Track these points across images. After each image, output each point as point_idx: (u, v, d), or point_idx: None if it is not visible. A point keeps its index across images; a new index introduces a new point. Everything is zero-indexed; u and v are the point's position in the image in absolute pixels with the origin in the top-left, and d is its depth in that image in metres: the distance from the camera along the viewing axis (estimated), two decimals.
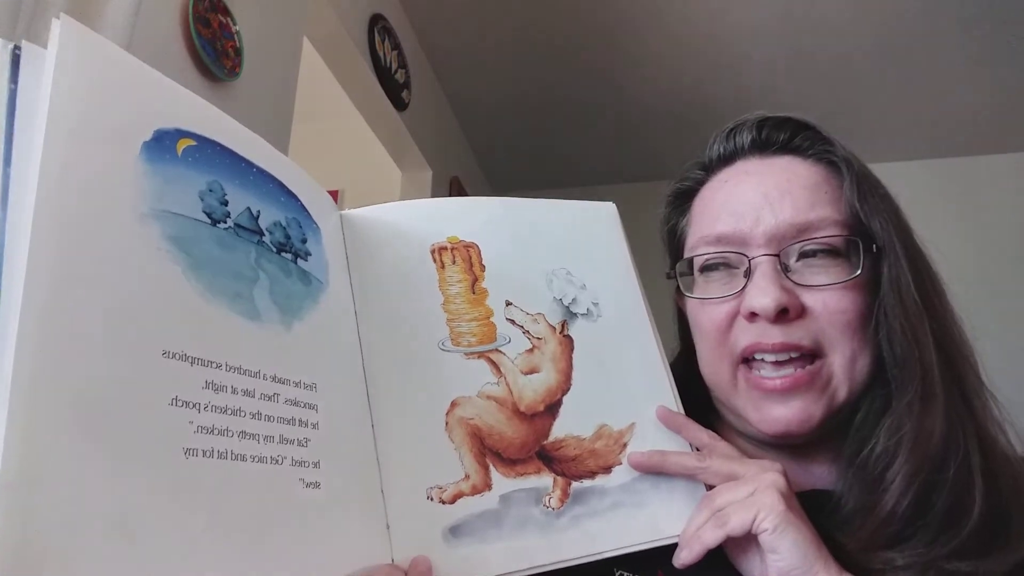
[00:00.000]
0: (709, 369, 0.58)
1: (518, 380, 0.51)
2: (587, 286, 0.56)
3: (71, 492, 0.28)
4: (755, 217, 0.55)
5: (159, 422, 0.32)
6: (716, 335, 0.56)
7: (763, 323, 0.53)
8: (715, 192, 0.60)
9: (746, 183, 0.57)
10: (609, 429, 0.52)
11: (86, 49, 0.33)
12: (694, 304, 0.59)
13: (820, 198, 0.55)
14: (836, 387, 0.53)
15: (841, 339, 0.53)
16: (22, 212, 0.30)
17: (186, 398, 0.33)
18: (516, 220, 0.57)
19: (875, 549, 0.48)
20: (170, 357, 0.33)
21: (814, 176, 0.56)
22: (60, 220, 0.30)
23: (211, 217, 0.38)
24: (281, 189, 0.44)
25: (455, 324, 0.51)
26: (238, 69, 1.44)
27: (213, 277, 0.36)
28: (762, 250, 0.54)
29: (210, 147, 0.39)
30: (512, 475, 0.48)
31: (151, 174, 0.35)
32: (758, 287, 0.53)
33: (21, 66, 0.33)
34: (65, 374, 0.29)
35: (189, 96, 0.39)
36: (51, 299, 0.29)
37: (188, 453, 0.32)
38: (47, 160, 0.30)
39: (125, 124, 0.34)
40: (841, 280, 0.53)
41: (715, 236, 0.57)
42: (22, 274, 0.28)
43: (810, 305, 0.53)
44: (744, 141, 0.60)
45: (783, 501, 0.45)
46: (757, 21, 2.48)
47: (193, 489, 0.32)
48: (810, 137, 0.58)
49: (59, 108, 0.31)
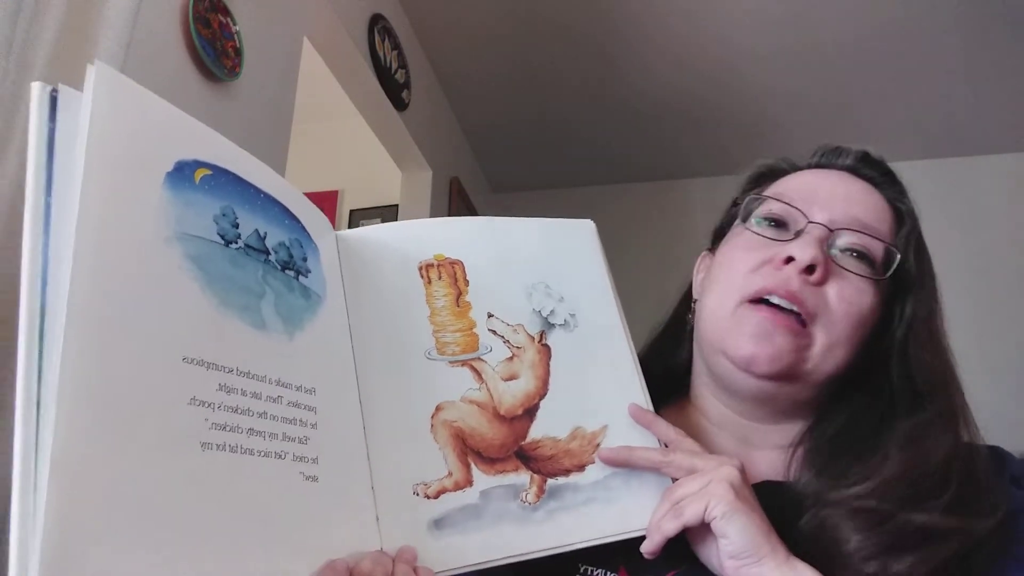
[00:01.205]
0: (715, 303, 0.63)
1: (498, 386, 0.56)
2: (564, 298, 0.61)
3: (108, 478, 0.32)
4: (828, 201, 0.62)
5: (180, 419, 0.36)
6: (737, 276, 0.62)
7: (789, 271, 0.58)
8: (802, 176, 0.67)
9: (834, 178, 0.65)
10: (583, 431, 0.57)
11: (117, 91, 0.38)
12: (732, 245, 0.65)
13: (886, 218, 0.63)
14: (810, 356, 0.58)
15: (835, 323, 0.58)
16: (62, 236, 0.35)
17: (203, 398, 0.38)
18: (498, 238, 0.62)
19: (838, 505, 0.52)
20: (189, 362, 0.38)
21: (887, 208, 0.64)
22: (98, 243, 0.35)
23: (224, 238, 0.42)
24: (285, 213, 0.49)
25: (440, 335, 0.56)
26: (238, 69, 1.45)
27: (226, 292, 0.41)
28: (820, 219, 0.61)
29: (223, 176, 0.44)
30: (492, 472, 0.53)
31: (173, 201, 0.40)
32: (804, 241, 0.59)
33: (59, 107, 0.37)
34: (102, 378, 0.33)
35: (205, 130, 0.43)
36: (90, 312, 0.34)
37: (205, 447, 0.37)
38: (87, 191, 0.35)
39: (151, 157, 0.39)
40: (865, 275, 0.60)
41: (788, 195, 0.64)
42: (66, 290, 0.33)
43: (829, 284, 0.59)
44: (845, 160, 0.67)
45: (733, 491, 0.50)
46: (758, 21, 2.49)
47: (209, 478, 0.37)
48: (893, 184, 0.67)
49: (96, 145, 0.36)
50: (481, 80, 2.91)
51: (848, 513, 0.52)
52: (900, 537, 0.50)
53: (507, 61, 2.78)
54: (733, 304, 0.61)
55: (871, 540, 0.50)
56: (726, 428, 0.65)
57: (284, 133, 1.70)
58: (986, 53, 2.59)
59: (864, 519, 0.51)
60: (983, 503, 0.52)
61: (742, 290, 0.60)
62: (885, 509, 0.51)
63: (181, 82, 1.33)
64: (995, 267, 3.06)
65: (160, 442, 0.35)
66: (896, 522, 0.50)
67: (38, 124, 0.37)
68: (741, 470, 0.52)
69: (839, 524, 0.51)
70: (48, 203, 0.36)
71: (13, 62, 0.80)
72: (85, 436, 0.32)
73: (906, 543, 0.50)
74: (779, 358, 0.58)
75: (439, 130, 2.96)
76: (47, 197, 0.36)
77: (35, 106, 0.37)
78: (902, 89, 2.80)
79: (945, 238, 3.08)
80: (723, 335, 0.61)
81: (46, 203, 0.36)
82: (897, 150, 3.31)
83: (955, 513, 0.51)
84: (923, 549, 0.49)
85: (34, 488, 0.31)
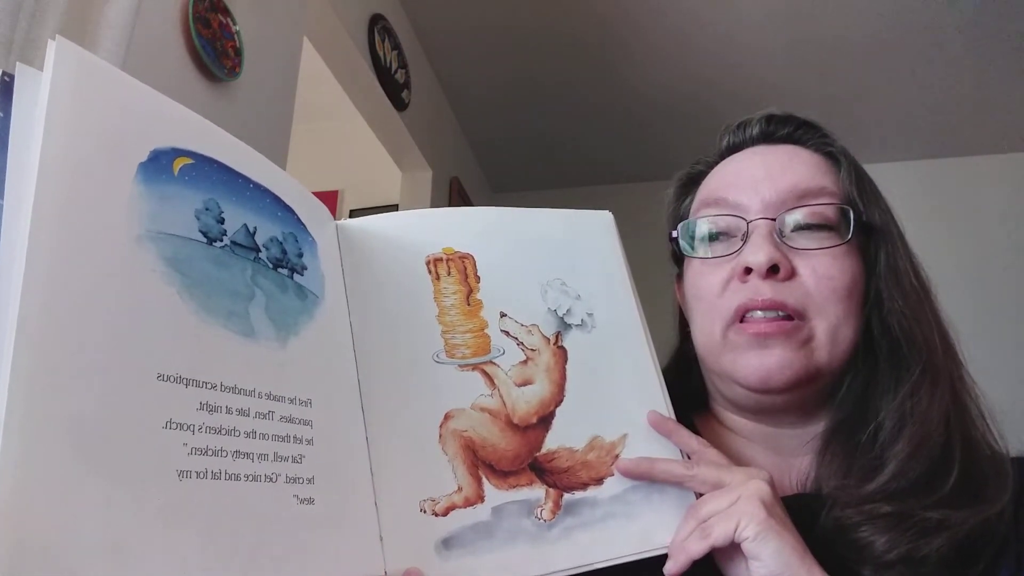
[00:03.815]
0: (702, 334, 0.60)
1: (512, 392, 0.51)
2: (582, 296, 0.56)
3: (66, 517, 0.28)
4: (755, 188, 0.58)
5: (153, 446, 0.32)
6: (710, 299, 0.59)
7: (755, 281, 0.55)
8: (722, 168, 0.64)
9: (750, 159, 0.62)
10: (601, 440, 0.52)
11: (82, 70, 0.34)
12: (693, 272, 0.62)
13: (819, 173, 0.59)
14: (816, 347, 0.55)
15: (826, 305, 0.55)
16: (15, 237, 0.30)
17: (180, 420, 0.33)
18: (511, 230, 0.57)
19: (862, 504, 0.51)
20: (164, 380, 0.33)
21: (815, 159, 0.60)
22: (55, 246, 0.30)
23: (207, 236, 0.38)
24: (278, 203, 0.44)
25: (450, 336, 0.51)
26: (238, 69, 1.44)
27: (208, 297, 0.37)
28: (759, 215, 0.57)
29: (207, 165, 0.39)
30: (505, 487, 0.49)
31: (147, 195, 0.35)
32: (754, 244, 0.56)
33: (16, 89, 0.33)
34: (60, 399, 0.29)
35: (186, 113, 0.39)
36: (46, 325, 0.29)
37: (182, 475, 0.33)
38: (42, 185, 0.30)
39: (121, 145, 0.35)
40: (831, 245, 0.56)
41: (715, 199, 0.61)
42: (17, 299, 0.29)
43: (800, 269, 0.56)
44: (753, 132, 0.64)
45: (764, 509, 0.46)
46: (758, 21, 2.48)
47: (186, 511, 0.33)
48: (811, 132, 0.63)
49: (54, 132, 0.31)
50: (481, 80, 2.92)
51: (866, 516, 0.50)
52: (922, 531, 0.49)
53: (507, 62, 2.78)
54: (720, 331, 0.57)
55: (895, 539, 0.49)
56: (756, 440, 0.61)
57: (284, 133, 1.69)
58: (986, 53, 2.60)
59: (884, 523, 0.49)
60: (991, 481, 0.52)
61: (721, 315, 0.57)
62: (902, 511, 0.49)
63: (181, 82, 1.32)
64: (994, 267, 3.09)
65: (129, 473, 0.31)
66: (915, 519, 0.49)
67: None
68: (771, 484, 0.49)
69: (859, 525, 0.50)
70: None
71: (13, 62, 0.79)
72: (38, 469, 0.28)
73: (928, 531, 0.49)
74: (789, 365, 0.54)
75: (439, 130, 2.95)
76: None
77: None
78: (902, 89, 2.83)
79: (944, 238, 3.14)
80: (724, 364, 0.57)
81: None
82: (897, 150, 3.26)
83: (966, 495, 0.51)
84: (945, 532, 0.49)
85: None
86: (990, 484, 0.52)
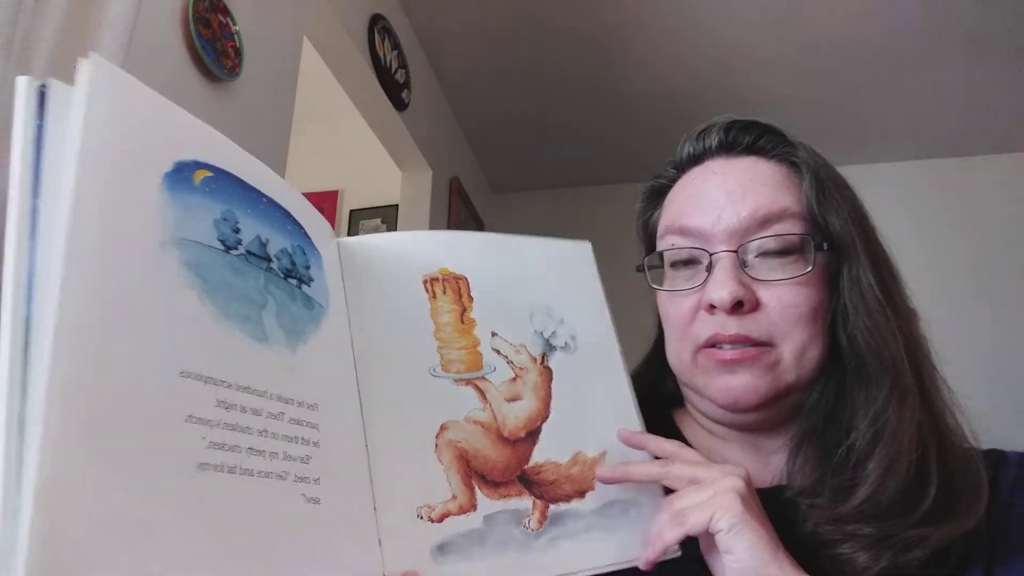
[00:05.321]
0: (674, 355, 0.63)
1: (502, 407, 0.54)
2: (565, 320, 0.59)
3: (94, 505, 0.29)
4: (717, 215, 0.59)
5: (175, 438, 0.33)
6: (680, 326, 0.61)
7: (721, 315, 0.57)
8: (684, 188, 0.64)
9: (711, 181, 0.61)
10: (584, 456, 0.55)
11: (114, 86, 0.36)
12: (663, 296, 0.64)
13: (781, 193, 0.59)
14: (783, 369, 0.57)
15: (791, 331, 0.57)
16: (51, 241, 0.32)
17: (200, 415, 0.35)
18: (502, 255, 0.60)
19: (841, 523, 0.52)
20: (186, 376, 0.35)
21: (776, 175, 0.60)
22: (92, 248, 0.32)
23: (225, 244, 0.40)
24: (287, 217, 0.46)
25: (445, 351, 0.54)
26: (238, 69, 1.44)
27: (226, 301, 0.39)
28: (722, 246, 0.58)
29: (225, 178, 0.41)
30: (496, 497, 0.51)
31: (171, 203, 0.37)
32: (717, 281, 0.57)
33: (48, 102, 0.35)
34: (95, 394, 0.30)
35: (206, 129, 0.41)
36: (83, 323, 0.31)
37: (202, 467, 0.34)
38: (80, 192, 0.32)
39: (148, 156, 0.37)
40: (793, 276, 0.57)
41: (678, 227, 0.61)
42: (55, 298, 0.30)
43: (765, 300, 0.57)
44: (712, 142, 0.64)
45: (740, 502, 0.47)
46: (757, 21, 2.50)
47: (206, 501, 0.34)
48: (774, 140, 0.62)
49: (91, 143, 0.33)
50: (481, 80, 2.91)
51: (846, 535, 0.51)
52: (904, 548, 0.50)
53: (507, 61, 2.78)
54: (689, 356, 0.60)
55: (878, 554, 0.50)
56: (734, 441, 0.63)
57: (284, 133, 1.69)
58: (986, 53, 2.60)
59: (865, 541, 0.51)
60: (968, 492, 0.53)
61: (691, 341, 0.60)
62: (885, 532, 0.51)
63: (181, 82, 1.32)
64: (994, 267, 3.04)
65: (155, 463, 0.32)
66: (897, 538, 0.50)
67: (24, 121, 0.34)
68: (747, 480, 0.50)
69: (840, 542, 0.51)
70: (36, 206, 0.33)
71: (13, 62, 0.79)
72: (74, 457, 0.29)
73: (910, 547, 0.50)
74: (756, 389, 0.57)
75: (439, 130, 2.96)
76: (34, 200, 0.33)
77: (21, 102, 0.34)
78: (901, 89, 2.81)
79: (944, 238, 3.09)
80: (697, 384, 0.60)
81: (32, 206, 0.33)
82: (896, 150, 3.20)
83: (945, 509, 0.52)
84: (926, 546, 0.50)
85: (14, 515, 0.28)
86: (966, 495, 0.53)
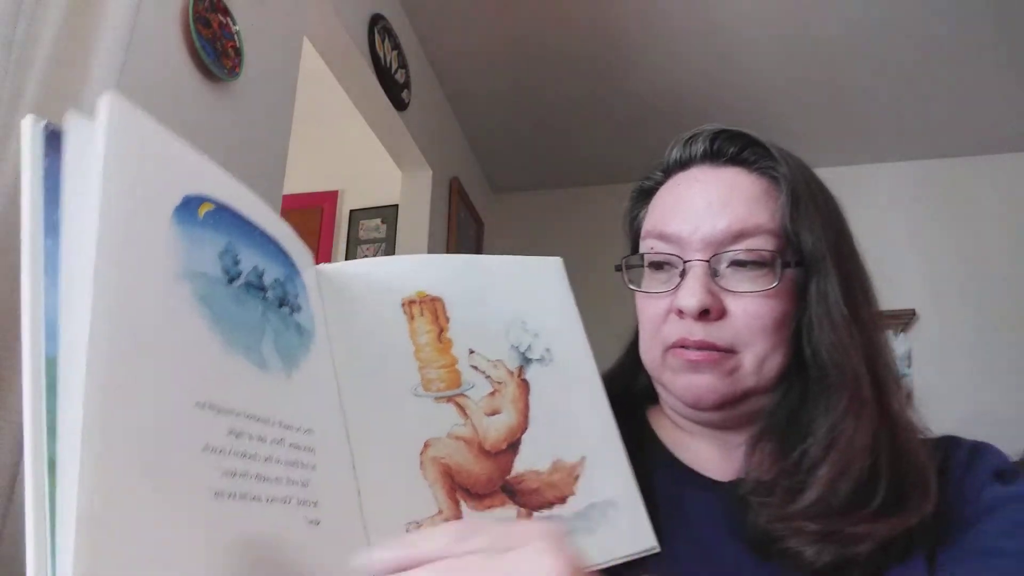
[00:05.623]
0: (646, 352, 0.68)
1: (483, 421, 0.56)
2: (539, 334, 0.62)
3: (135, 539, 0.30)
4: (695, 224, 0.62)
5: (195, 468, 0.35)
6: (652, 326, 0.65)
7: (689, 320, 0.61)
8: (668, 193, 0.68)
9: (694, 189, 0.65)
10: (563, 463, 0.58)
11: (132, 123, 0.37)
12: (639, 295, 0.68)
13: (757, 208, 0.62)
14: (743, 375, 0.61)
15: (753, 340, 0.61)
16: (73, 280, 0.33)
17: (215, 444, 0.36)
18: (476, 275, 0.63)
19: (789, 521, 0.56)
20: (202, 407, 0.36)
21: (756, 188, 0.63)
22: (116, 285, 0.33)
23: (228, 275, 0.41)
24: (278, 249, 0.47)
25: (426, 371, 0.56)
26: (238, 69, 1.44)
27: (231, 331, 0.40)
28: (697, 255, 0.62)
29: (223, 211, 0.42)
30: (481, 508, 0.53)
31: (181, 237, 0.38)
32: (688, 288, 0.61)
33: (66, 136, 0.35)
34: (126, 429, 0.31)
35: (209, 164, 0.42)
36: (112, 361, 0.32)
37: (217, 496, 0.35)
38: (104, 230, 0.33)
39: (161, 191, 0.38)
40: (760, 289, 0.61)
41: (659, 232, 0.65)
42: (84, 338, 0.31)
43: (731, 308, 0.61)
44: (698, 150, 0.67)
45: None
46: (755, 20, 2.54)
47: (221, 528, 0.35)
48: (758, 152, 0.65)
49: (112, 180, 0.34)
50: (481, 80, 2.91)
51: (792, 531, 0.55)
52: (849, 542, 0.54)
53: (507, 62, 2.79)
54: (659, 354, 0.65)
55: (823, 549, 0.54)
56: (700, 436, 0.68)
57: (284, 133, 1.68)
58: (985, 52, 2.66)
59: (811, 537, 0.55)
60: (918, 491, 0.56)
61: (662, 340, 0.64)
62: (829, 529, 0.55)
63: (181, 82, 1.31)
64: (992, 267, 3.08)
65: (181, 496, 0.33)
66: (842, 534, 0.54)
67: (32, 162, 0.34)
68: None
69: (788, 537, 0.55)
70: (50, 245, 0.34)
71: (13, 62, 0.78)
72: (114, 493, 0.30)
73: (856, 542, 0.54)
74: (715, 389, 0.61)
75: (439, 130, 2.95)
76: (47, 239, 0.34)
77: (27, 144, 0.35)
78: (901, 88, 2.87)
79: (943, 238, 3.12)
80: (665, 381, 0.65)
81: (47, 246, 0.34)
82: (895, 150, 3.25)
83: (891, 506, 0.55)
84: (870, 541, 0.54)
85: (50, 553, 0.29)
86: (915, 493, 0.57)
